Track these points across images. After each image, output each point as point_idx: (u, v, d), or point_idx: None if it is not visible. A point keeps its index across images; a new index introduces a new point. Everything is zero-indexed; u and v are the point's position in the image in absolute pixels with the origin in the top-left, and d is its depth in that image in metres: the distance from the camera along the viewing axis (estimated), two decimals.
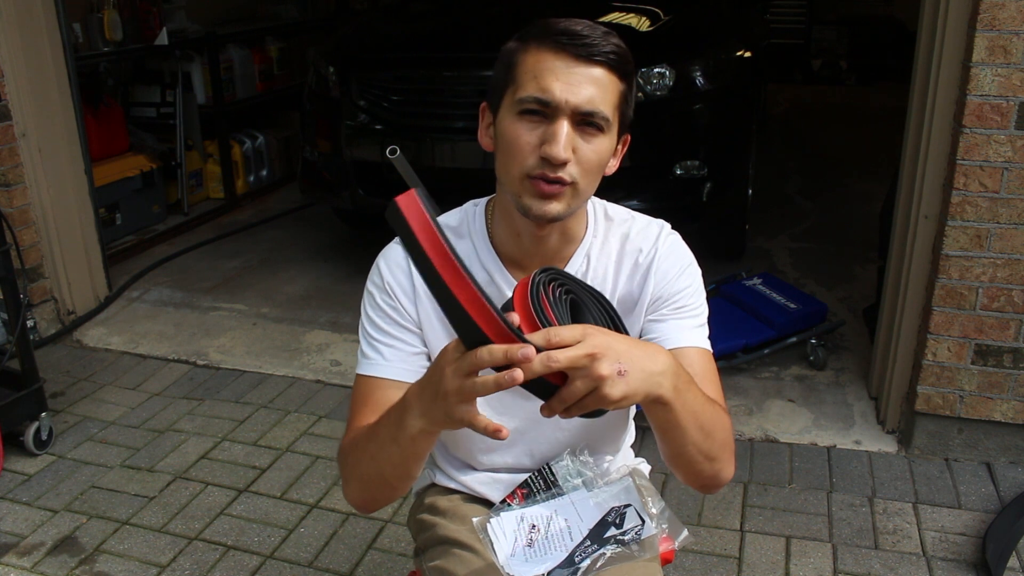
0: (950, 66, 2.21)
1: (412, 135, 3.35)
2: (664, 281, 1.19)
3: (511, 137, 1.08)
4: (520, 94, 1.06)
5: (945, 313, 2.32)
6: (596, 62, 1.04)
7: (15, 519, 2.28)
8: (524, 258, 1.18)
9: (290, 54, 5.35)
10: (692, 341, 1.19)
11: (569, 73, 1.04)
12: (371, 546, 2.17)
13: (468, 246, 1.20)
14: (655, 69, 3.21)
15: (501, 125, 1.10)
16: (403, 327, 1.18)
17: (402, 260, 1.19)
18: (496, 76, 1.12)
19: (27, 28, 3.08)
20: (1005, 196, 2.18)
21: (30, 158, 3.13)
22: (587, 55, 1.04)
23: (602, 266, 1.20)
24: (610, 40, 1.05)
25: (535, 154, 1.06)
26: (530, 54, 1.06)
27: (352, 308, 3.48)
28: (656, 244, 1.20)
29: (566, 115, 1.04)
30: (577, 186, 1.08)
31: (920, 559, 2.08)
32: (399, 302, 1.18)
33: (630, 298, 1.21)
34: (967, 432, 2.42)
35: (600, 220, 1.22)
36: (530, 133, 1.06)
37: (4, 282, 2.42)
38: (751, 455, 2.50)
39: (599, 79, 1.05)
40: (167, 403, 2.84)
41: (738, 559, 2.10)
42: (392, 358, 1.18)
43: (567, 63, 1.04)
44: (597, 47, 1.04)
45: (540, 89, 1.04)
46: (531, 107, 1.05)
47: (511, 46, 1.10)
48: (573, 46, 1.04)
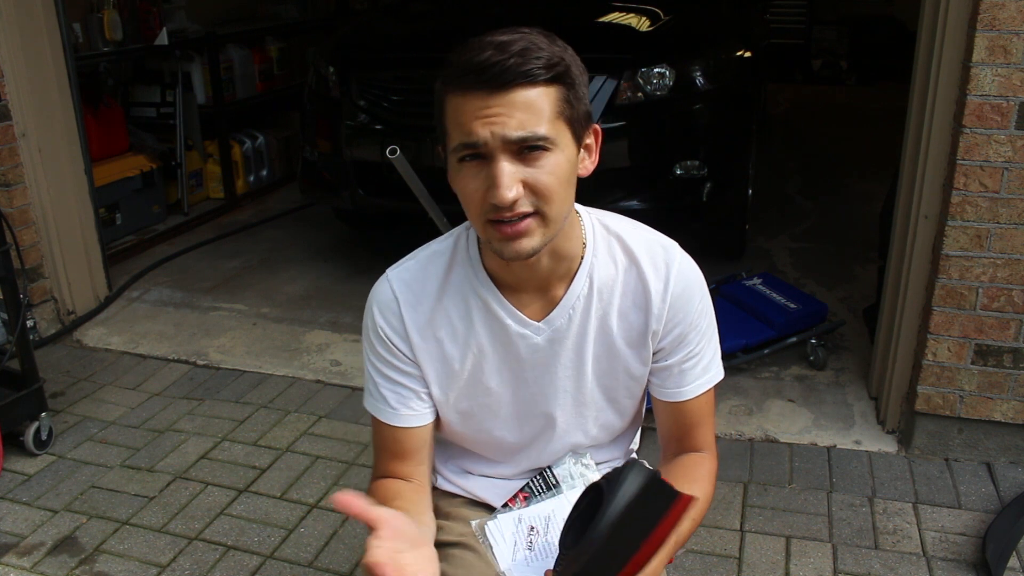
0: (950, 66, 2.21)
1: (412, 135, 3.34)
2: (675, 319, 1.16)
3: (460, 188, 1.04)
4: (452, 144, 1.02)
5: (945, 313, 2.32)
6: (514, 86, 0.97)
7: (15, 519, 2.28)
8: (519, 284, 1.14)
9: (290, 54, 5.35)
10: (696, 390, 1.20)
11: (488, 108, 0.97)
12: None
13: (461, 274, 1.17)
14: (655, 69, 3.21)
15: (451, 176, 1.06)
16: (401, 371, 1.18)
17: (391, 301, 1.17)
18: (435, 121, 1.06)
19: (27, 28, 3.08)
20: (1005, 196, 2.18)
21: (30, 158, 3.13)
22: (500, 85, 0.97)
23: (608, 288, 1.16)
24: (528, 56, 0.97)
25: (486, 200, 1.01)
26: (449, 101, 1.01)
27: (352, 308, 3.48)
28: (668, 282, 1.15)
29: (499, 150, 0.98)
30: (543, 214, 1.02)
31: (920, 559, 2.08)
32: (394, 345, 1.17)
33: (637, 329, 1.17)
34: (967, 432, 2.42)
35: (598, 234, 1.16)
36: (474, 179, 1.01)
37: (4, 282, 2.42)
38: (751, 455, 2.50)
39: (524, 101, 0.98)
40: (167, 403, 2.84)
41: (738, 559, 2.10)
42: (397, 406, 1.19)
43: (482, 99, 0.98)
44: (510, 71, 0.96)
45: (464, 134, 0.99)
46: (465, 154, 1.01)
47: (436, 88, 1.04)
48: (482, 82, 0.97)
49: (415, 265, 1.18)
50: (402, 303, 1.16)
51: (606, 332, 1.16)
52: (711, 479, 1.20)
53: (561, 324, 1.15)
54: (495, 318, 1.15)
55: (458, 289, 1.16)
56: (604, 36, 3.51)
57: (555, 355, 1.17)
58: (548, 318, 1.15)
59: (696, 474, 1.19)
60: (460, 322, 1.16)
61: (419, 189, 2.37)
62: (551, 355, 1.17)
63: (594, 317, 1.15)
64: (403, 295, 1.16)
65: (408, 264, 1.19)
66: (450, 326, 1.16)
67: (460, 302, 1.16)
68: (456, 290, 1.16)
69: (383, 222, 4.09)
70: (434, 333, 1.16)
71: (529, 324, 1.15)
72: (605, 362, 1.18)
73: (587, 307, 1.15)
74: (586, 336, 1.16)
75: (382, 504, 1.04)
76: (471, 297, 1.16)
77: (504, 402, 1.20)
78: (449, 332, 1.16)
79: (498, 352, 1.17)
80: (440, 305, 1.16)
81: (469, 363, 1.17)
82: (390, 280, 1.18)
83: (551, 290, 1.15)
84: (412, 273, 1.17)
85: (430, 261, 1.18)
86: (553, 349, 1.16)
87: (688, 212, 3.30)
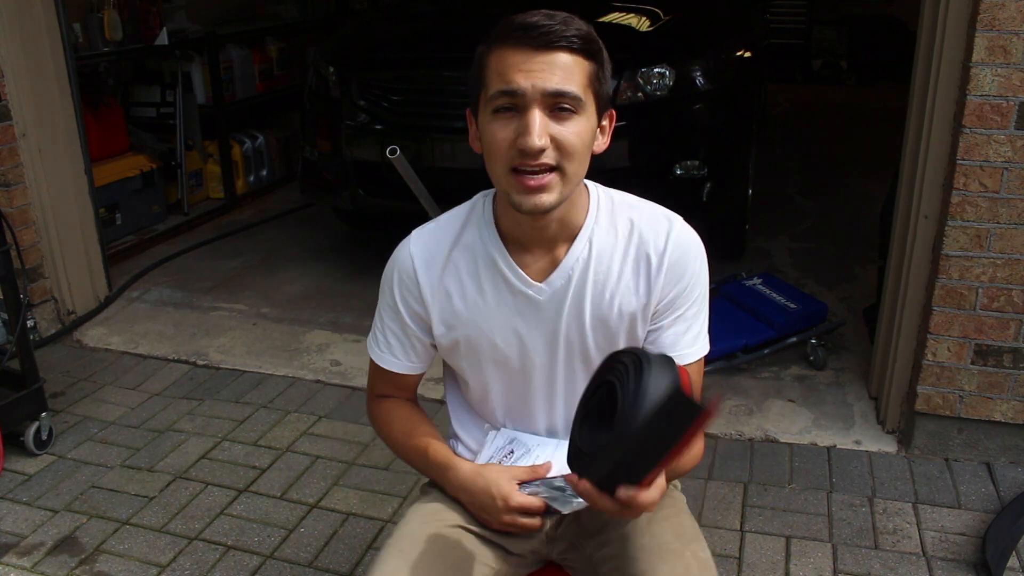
0: (950, 66, 2.21)
1: (412, 135, 3.35)
2: (671, 286, 1.21)
3: (489, 137, 1.11)
4: (490, 92, 1.10)
5: (945, 313, 2.32)
6: (557, 48, 1.07)
7: (15, 519, 2.28)
8: (528, 242, 1.21)
9: (290, 54, 5.35)
10: (691, 356, 1.24)
11: (531, 62, 1.07)
12: (371, 546, 2.17)
13: (474, 232, 1.24)
14: (655, 69, 3.21)
15: (482, 128, 1.14)
16: (410, 326, 1.28)
17: (407, 258, 1.26)
18: (471, 81, 1.15)
19: (27, 28, 3.08)
20: (1005, 196, 2.18)
21: (30, 158, 3.13)
22: (546, 44, 1.06)
23: (607, 254, 1.21)
24: (571, 25, 1.08)
25: (513, 148, 1.08)
26: (493, 55, 1.10)
27: (352, 308, 3.48)
28: (667, 245, 1.20)
29: (536, 102, 1.07)
30: (564, 171, 1.10)
31: (920, 559, 2.08)
32: (406, 302, 1.27)
33: (637, 296, 1.21)
34: (967, 432, 2.42)
35: (602, 205, 1.23)
36: (505, 129, 1.09)
37: (4, 282, 2.42)
38: (751, 455, 2.50)
39: (563, 63, 1.07)
40: (167, 403, 2.84)
41: (738, 559, 2.10)
42: (400, 356, 1.31)
43: (527, 54, 1.07)
44: (555, 34, 1.06)
45: (505, 82, 1.07)
46: (501, 103, 1.09)
47: (480, 50, 1.13)
48: (530, 38, 1.06)
49: (435, 225, 1.28)
50: (416, 261, 1.25)
51: (606, 296, 1.21)
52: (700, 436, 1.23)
53: (561, 285, 1.22)
54: (501, 275, 1.22)
55: (469, 247, 1.24)
56: (604, 36, 3.50)
57: (556, 314, 1.23)
58: (549, 279, 1.22)
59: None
60: (468, 277, 1.24)
61: (419, 189, 2.37)
62: (552, 314, 1.23)
63: (592, 280, 1.21)
64: (418, 254, 1.25)
65: (430, 225, 1.29)
66: (459, 281, 1.24)
67: (470, 259, 1.24)
68: (467, 247, 1.24)
69: (383, 222, 4.09)
70: (444, 287, 1.25)
71: (532, 284, 1.22)
72: (603, 324, 1.23)
73: (585, 269, 1.21)
74: (584, 298, 1.22)
75: (407, 429, 1.32)
76: (480, 255, 1.23)
77: (507, 355, 1.26)
78: (458, 287, 1.24)
79: (501, 308, 1.23)
80: (451, 261, 1.24)
81: (475, 315, 1.24)
82: (410, 240, 1.28)
83: (554, 251, 1.21)
84: (431, 232, 1.27)
85: (448, 221, 1.27)
86: (554, 308, 1.23)
87: (688, 212, 3.28)
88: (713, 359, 2.81)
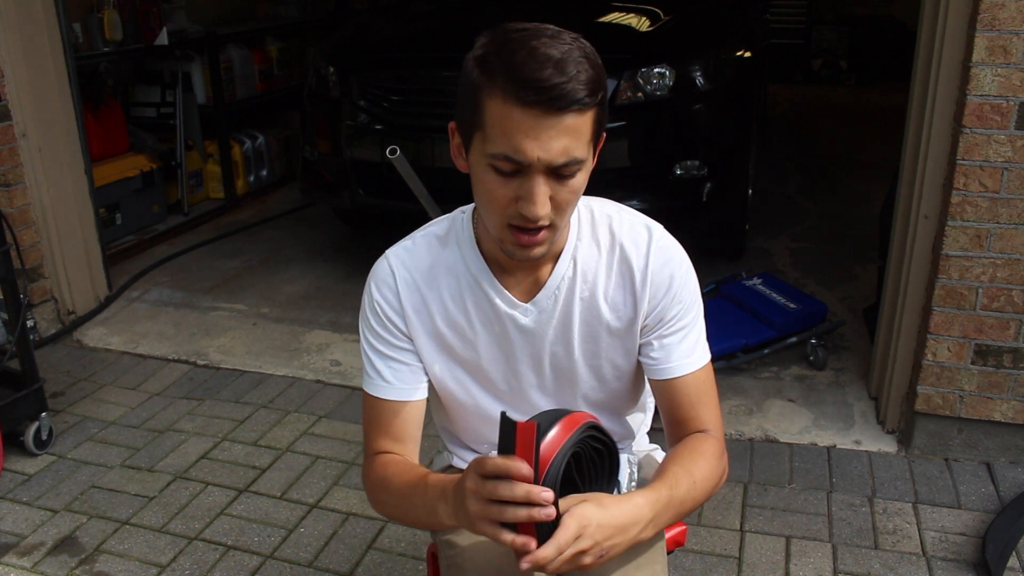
0: (950, 66, 2.21)
1: (412, 135, 3.34)
2: (658, 298, 1.19)
3: (485, 188, 1.05)
4: (490, 148, 1.01)
5: (945, 313, 2.32)
6: (567, 112, 0.98)
7: (15, 519, 2.28)
8: (511, 266, 1.19)
9: (290, 54, 5.36)
10: (691, 366, 1.21)
11: (539, 128, 0.98)
12: (371, 546, 2.17)
13: (456, 253, 1.21)
14: (655, 69, 3.21)
15: (473, 165, 1.07)
16: (398, 347, 1.23)
17: (388, 277, 1.22)
18: (462, 103, 1.06)
19: (27, 28, 3.08)
20: (1005, 196, 2.18)
21: (30, 158, 3.13)
22: (556, 109, 0.97)
23: (591, 270, 1.19)
24: (580, 74, 0.98)
25: (512, 206, 1.04)
26: (495, 103, 0.99)
27: (352, 308, 3.48)
28: (648, 257, 1.18)
29: (540, 171, 1.01)
30: (556, 225, 1.07)
31: (920, 559, 2.08)
32: (390, 321, 1.22)
33: (624, 310, 1.20)
34: (967, 432, 2.42)
35: (583, 219, 1.20)
36: (504, 187, 1.03)
37: (4, 282, 2.42)
38: (751, 455, 2.50)
39: (572, 126, 0.99)
40: (167, 403, 2.84)
41: (738, 559, 2.10)
42: (393, 380, 1.23)
43: (536, 118, 0.98)
44: (567, 97, 0.97)
45: (512, 149, 0.99)
46: (504, 167, 1.02)
47: (474, 76, 1.02)
48: (540, 102, 0.97)
49: (412, 245, 1.23)
50: (399, 280, 1.21)
51: (593, 313, 1.20)
52: (717, 456, 1.18)
53: (547, 305, 1.20)
54: (485, 297, 1.20)
55: (451, 268, 1.21)
56: (604, 36, 3.51)
57: (542, 334, 1.21)
58: (535, 299, 1.20)
59: (700, 448, 1.18)
60: (452, 300, 1.21)
61: (419, 189, 2.37)
62: (538, 334, 1.21)
63: (579, 298, 1.20)
64: (400, 273, 1.21)
65: (406, 244, 1.24)
66: (442, 303, 1.21)
67: (453, 281, 1.21)
68: (449, 269, 1.21)
69: (383, 222, 4.09)
70: (428, 309, 1.21)
71: (518, 305, 1.20)
72: (591, 342, 1.22)
73: (571, 288, 1.19)
74: (571, 317, 1.20)
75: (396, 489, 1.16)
76: (463, 276, 1.20)
77: (494, 378, 1.25)
78: (441, 309, 1.21)
79: (487, 330, 1.22)
80: (434, 283, 1.21)
81: (459, 339, 1.22)
82: (388, 259, 1.23)
83: (538, 271, 1.19)
84: (409, 252, 1.22)
85: (427, 241, 1.23)
86: (540, 329, 1.21)
87: (688, 212, 3.30)
88: (713, 359, 2.81)
